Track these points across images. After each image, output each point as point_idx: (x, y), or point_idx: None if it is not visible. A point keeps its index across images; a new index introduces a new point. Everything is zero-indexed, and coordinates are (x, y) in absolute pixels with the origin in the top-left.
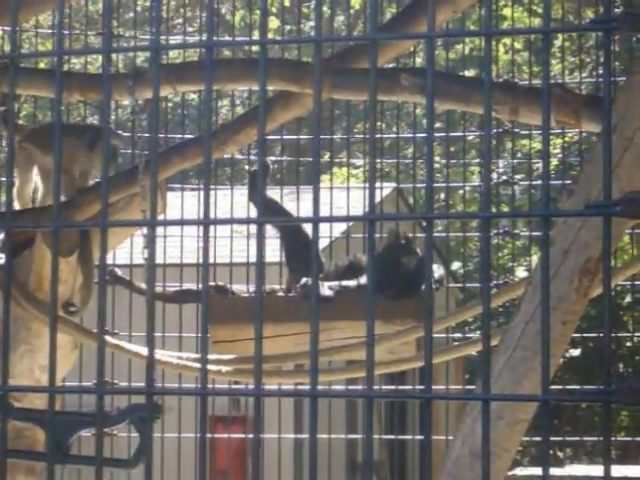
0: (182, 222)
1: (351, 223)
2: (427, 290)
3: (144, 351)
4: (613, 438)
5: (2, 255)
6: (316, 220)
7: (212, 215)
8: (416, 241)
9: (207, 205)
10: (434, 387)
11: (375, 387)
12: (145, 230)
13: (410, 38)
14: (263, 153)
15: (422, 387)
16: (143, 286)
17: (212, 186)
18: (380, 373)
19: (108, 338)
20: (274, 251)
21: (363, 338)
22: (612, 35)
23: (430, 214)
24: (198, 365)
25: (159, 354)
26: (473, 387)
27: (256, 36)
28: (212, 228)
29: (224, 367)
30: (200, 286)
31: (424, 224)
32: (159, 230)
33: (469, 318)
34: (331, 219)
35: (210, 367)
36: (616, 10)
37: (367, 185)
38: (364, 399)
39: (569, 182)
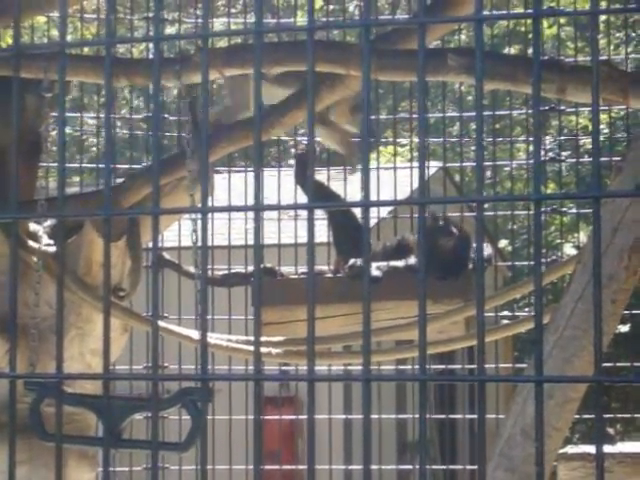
0: (232, 208)
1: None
2: (479, 271)
3: (194, 334)
4: None
5: (52, 241)
6: (366, 205)
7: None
8: (462, 221)
9: (258, 191)
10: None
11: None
12: (194, 214)
13: (459, 21)
14: (311, 136)
15: (472, 367)
16: (191, 269)
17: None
18: (430, 353)
19: (159, 322)
20: (321, 232)
21: (411, 318)
22: None
23: (480, 197)
24: (248, 348)
25: (209, 337)
26: (523, 366)
27: (300, 17)
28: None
29: (274, 349)
30: (249, 269)
31: (474, 205)
32: None
33: (517, 296)
34: (380, 203)
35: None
36: None
37: (415, 165)
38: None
39: (617, 159)
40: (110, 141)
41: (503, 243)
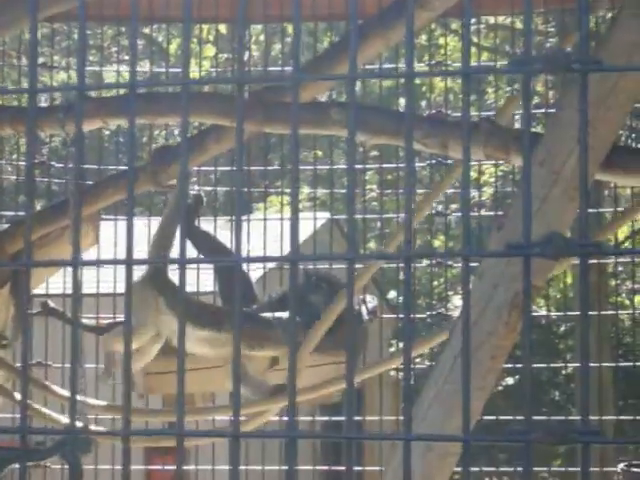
0: (101, 262)
1: (285, 253)
2: (350, 327)
3: (59, 390)
4: (547, 468)
5: None
6: (237, 261)
7: (142, 244)
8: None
9: (130, 243)
10: (368, 418)
11: (309, 418)
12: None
13: (331, 79)
14: (194, 185)
15: (359, 418)
16: None
17: (146, 216)
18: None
19: (35, 377)
20: (208, 280)
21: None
22: (531, 78)
23: (351, 255)
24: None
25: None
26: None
27: (193, 66)
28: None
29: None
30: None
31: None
32: (92, 257)
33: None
34: (255, 259)
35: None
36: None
37: (304, 216)
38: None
39: (501, 214)
40: None
41: (392, 294)
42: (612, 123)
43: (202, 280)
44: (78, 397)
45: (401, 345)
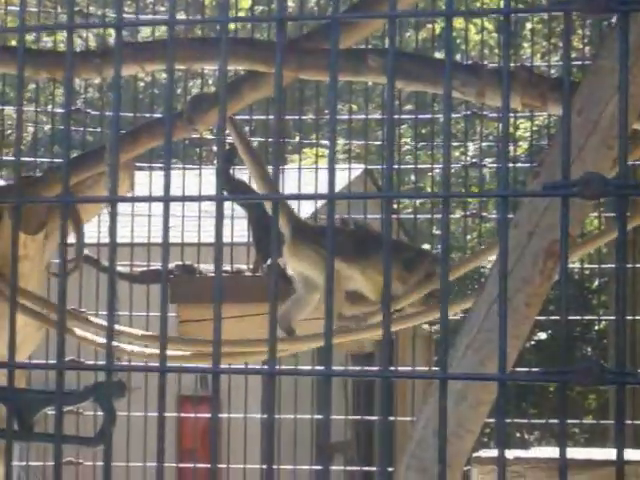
0: (136, 199)
1: (319, 204)
2: (386, 270)
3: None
4: (578, 421)
5: None
6: (276, 198)
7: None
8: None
9: (168, 182)
10: (401, 368)
11: (340, 367)
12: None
13: (372, 17)
14: (225, 134)
15: (391, 369)
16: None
17: (180, 166)
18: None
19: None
20: (242, 231)
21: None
22: (572, 17)
23: (389, 193)
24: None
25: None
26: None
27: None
28: (180, 208)
29: (187, 350)
30: (169, 266)
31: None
32: (127, 209)
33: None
34: (289, 197)
35: (174, 352)
36: None
37: (338, 166)
38: (322, 377)
39: (535, 164)
40: (20, 132)
41: (425, 247)
42: None
43: (236, 232)
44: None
45: None
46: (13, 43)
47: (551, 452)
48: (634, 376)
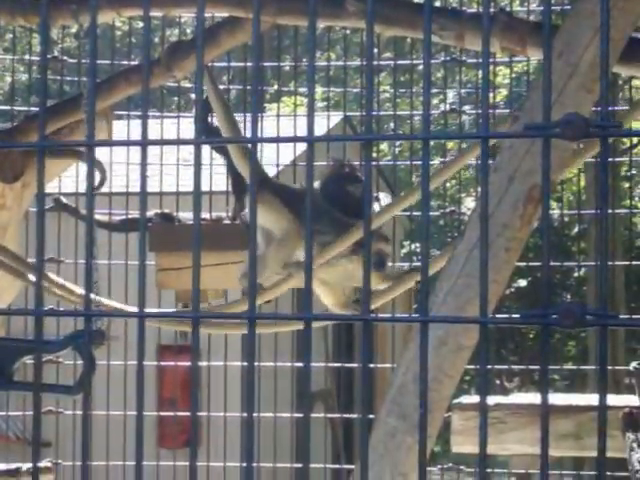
0: (116, 143)
1: (298, 152)
2: (366, 216)
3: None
4: (558, 367)
5: None
6: (254, 141)
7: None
8: (362, 170)
9: (145, 127)
10: (381, 315)
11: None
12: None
13: None
14: (203, 80)
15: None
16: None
17: (157, 113)
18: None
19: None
20: (221, 179)
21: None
22: None
23: (370, 136)
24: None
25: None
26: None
27: None
28: (158, 156)
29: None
30: (148, 214)
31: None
32: (104, 157)
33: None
34: (269, 140)
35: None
36: None
37: (318, 114)
38: (303, 321)
39: (515, 109)
40: None
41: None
42: (632, 14)
43: (214, 179)
44: (92, 295)
45: (413, 246)
46: None
47: (531, 398)
48: (615, 318)
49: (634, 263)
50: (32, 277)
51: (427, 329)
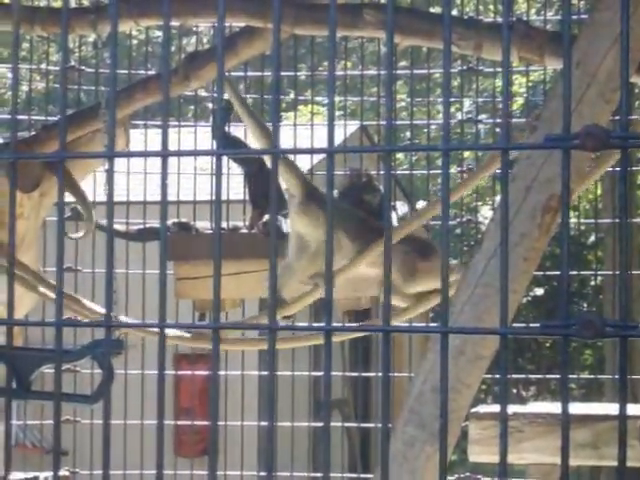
0: (133, 154)
1: (315, 161)
2: (387, 224)
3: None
4: (575, 376)
5: None
6: (275, 152)
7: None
8: (379, 179)
9: (165, 137)
10: (397, 323)
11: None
12: (107, 166)
13: None
14: (223, 90)
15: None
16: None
17: (175, 122)
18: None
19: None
20: (238, 189)
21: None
22: None
23: (389, 147)
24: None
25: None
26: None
27: None
28: (175, 165)
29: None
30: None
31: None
32: (122, 167)
33: None
34: (290, 151)
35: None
36: None
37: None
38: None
39: (533, 118)
40: (15, 89)
41: (421, 204)
42: None
43: (232, 188)
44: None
45: None
46: (6, 0)
47: (549, 407)
48: (635, 329)
49: None
50: (44, 290)
51: (447, 339)
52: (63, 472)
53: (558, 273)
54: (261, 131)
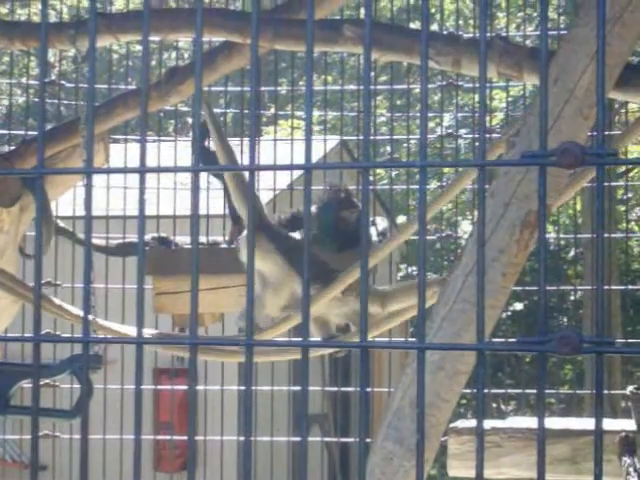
0: (113, 170)
1: (295, 176)
2: (364, 239)
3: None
4: (554, 391)
5: None
6: (252, 169)
7: (152, 163)
8: (358, 195)
9: (144, 153)
10: (377, 339)
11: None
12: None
13: None
14: (202, 105)
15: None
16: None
17: (155, 137)
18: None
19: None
20: (218, 204)
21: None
22: None
23: (367, 163)
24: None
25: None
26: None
27: None
28: (155, 180)
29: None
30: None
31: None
32: (102, 182)
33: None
34: (267, 167)
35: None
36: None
37: (314, 138)
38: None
39: (511, 134)
40: None
41: (401, 219)
42: (627, 40)
43: (211, 203)
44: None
45: (410, 270)
46: None
47: (528, 422)
48: (612, 345)
49: (630, 287)
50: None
51: (424, 356)
52: None
53: (537, 289)
54: (225, 153)
